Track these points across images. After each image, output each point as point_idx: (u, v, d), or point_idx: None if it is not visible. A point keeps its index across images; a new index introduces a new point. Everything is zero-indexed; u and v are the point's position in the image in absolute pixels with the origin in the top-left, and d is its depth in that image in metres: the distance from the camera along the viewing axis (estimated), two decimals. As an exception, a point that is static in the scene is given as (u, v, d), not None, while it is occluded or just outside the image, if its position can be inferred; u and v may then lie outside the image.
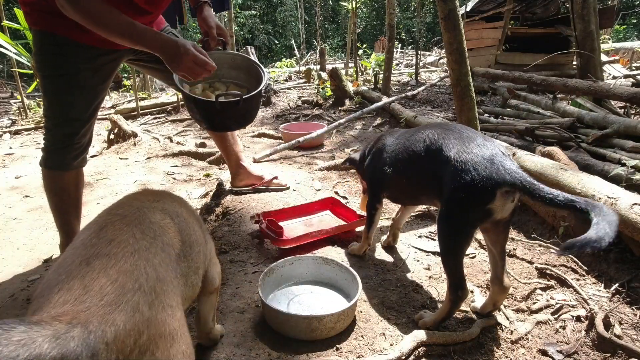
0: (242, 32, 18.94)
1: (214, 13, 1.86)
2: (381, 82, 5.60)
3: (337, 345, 1.32)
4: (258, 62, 2.07)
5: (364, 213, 1.92)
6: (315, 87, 6.16)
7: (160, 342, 0.70)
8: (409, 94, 5.00)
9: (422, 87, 5.56)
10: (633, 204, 1.51)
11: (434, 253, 1.89)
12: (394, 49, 8.32)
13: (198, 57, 1.49)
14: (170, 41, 1.47)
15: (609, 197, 1.59)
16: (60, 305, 0.64)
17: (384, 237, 1.93)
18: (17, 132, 4.88)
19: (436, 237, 2.03)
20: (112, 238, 0.78)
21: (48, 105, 1.66)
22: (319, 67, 8.85)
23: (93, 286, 0.67)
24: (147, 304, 0.70)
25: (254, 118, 2.13)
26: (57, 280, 0.70)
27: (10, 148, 4.23)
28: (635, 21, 17.14)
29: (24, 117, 5.37)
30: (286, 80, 8.19)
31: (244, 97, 1.77)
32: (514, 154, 2.15)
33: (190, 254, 0.94)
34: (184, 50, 1.47)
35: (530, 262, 1.74)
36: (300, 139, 3.48)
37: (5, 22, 3.66)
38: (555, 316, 1.43)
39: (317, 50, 9.98)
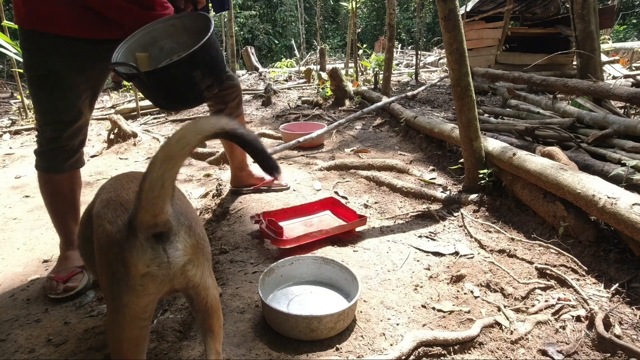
0: (242, 32, 18.91)
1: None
2: (381, 82, 5.59)
3: (337, 345, 1.32)
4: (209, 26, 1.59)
5: (364, 213, 1.90)
6: (315, 87, 6.16)
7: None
8: (409, 94, 4.98)
9: (422, 87, 5.56)
10: (633, 204, 1.51)
11: (434, 253, 1.89)
12: (394, 49, 8.31)
13: None
14: None
15: (609, 197, 1.59)
16: None
17: None
18: (17, 132, 4.87)
19: (436, 237, 2.04)
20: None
21: (35, 106, 1.65)
22: (319, 67, 8.84)
23: None
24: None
25: (193, 98, 1.66)
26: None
27: (10, 148, 4.22)
28: (635, 21, 17.12)
29: (24, 117, 5.36)
30: (286, 80, 8.18)
31: (144, 72, 1.44)
32: (514, 154, 2.14)
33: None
34: None
35: (530, 262, 1.74)
36: (300, 139, 3.48)
37: (5, 22, 3.66)
38: (556, 316, 1.43)
39: (317, 50, 9.97)
